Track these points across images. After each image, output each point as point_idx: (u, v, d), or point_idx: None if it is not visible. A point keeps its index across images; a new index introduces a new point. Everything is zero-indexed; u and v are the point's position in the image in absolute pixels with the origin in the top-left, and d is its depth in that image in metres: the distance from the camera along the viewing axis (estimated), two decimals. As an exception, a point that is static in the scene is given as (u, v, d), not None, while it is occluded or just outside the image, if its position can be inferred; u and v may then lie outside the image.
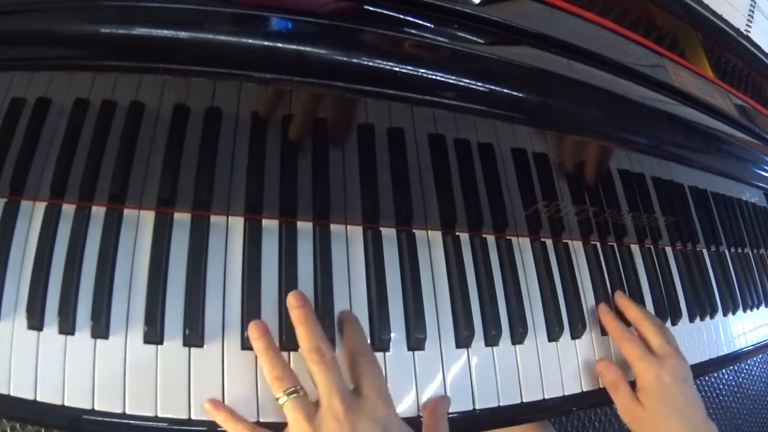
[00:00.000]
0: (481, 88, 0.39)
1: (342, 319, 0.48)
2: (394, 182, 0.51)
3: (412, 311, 0.51)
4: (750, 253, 0.89)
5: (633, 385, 0.57)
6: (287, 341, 0.46)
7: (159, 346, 0.43)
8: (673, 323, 0.69)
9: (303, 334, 0.43)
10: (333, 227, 0.51)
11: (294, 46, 0.34)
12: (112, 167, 0.44)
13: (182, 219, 0.47)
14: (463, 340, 0.52)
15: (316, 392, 0.42)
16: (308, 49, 0.35)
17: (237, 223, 0.49)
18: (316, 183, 0.49)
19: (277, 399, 0.42)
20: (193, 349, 0.44)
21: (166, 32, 0.32)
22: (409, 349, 0.50)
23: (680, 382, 0.55)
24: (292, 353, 0.46)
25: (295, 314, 0.45)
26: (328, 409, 0.40)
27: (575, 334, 0.59)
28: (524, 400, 0.54)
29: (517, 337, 0.55)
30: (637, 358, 0.56)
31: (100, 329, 0.42)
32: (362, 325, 0.49)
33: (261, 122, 0.45)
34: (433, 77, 0.38)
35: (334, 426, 0.40)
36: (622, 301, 0.63)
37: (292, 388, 0.42)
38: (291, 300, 0.45)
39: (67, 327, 0.42)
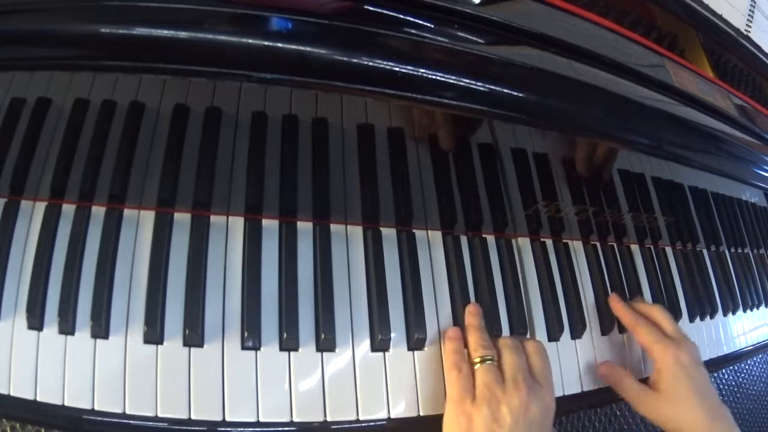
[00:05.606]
0: (481, 88, 0.39)
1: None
2: (394, 182, 0.51)
3: (413, 311, 0.51)
4: (750, 253, 0.89)
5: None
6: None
7: (159, 346, 0.43)
8: (673, 323, 0.69)
9: (476, 333, 0.51)
10: (333, 227, 0.51)
11: (294, 46, 0.34)
12: (112, 167, 0.44)
13: (182, 219, 0.47)
14: (463, 340, 0.52)
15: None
16: (308, 49, 0.35)
17: (237, 223, 0.49)
18: (316, 183, 0.48)
19: (474, 363, 0.49)
20: (193, 349, 0.44)
21: (166, 32, 0.32)
22: (409, 349, 0.50)
23: (697, 364, 0.55)
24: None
25: (471, 319, 0.53)
26: (512, 382, 0.47)
27: (575, 334, 0.59)
28: (524, 400, 0.54)
29: (517, 337, 0.55)
30: (654, 342, 0.57)
31: (100, 329, 0.42)
32: (363, 325, 0.49)
33: (261, 122, 0.45)
34: (433, 77, 0.38)
35: (515, 399, 0.46)
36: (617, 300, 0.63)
37: (489, 357, 0.48)
38: (471, 308, 0.53)
39: (67, 327, 0.42)
